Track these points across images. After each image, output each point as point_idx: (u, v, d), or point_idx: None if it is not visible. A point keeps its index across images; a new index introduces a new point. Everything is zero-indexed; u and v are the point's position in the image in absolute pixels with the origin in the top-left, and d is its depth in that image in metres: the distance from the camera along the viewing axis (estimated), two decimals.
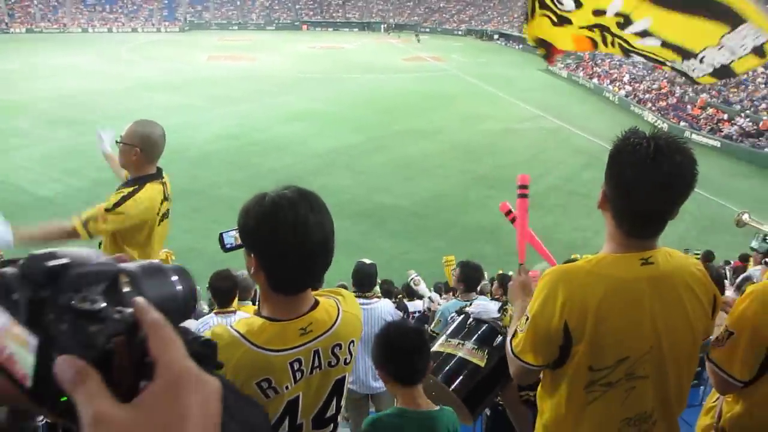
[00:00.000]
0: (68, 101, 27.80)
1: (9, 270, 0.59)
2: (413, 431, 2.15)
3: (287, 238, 1.57)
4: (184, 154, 18.71)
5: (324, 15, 76.56)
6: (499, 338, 2.44)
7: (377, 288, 6.64)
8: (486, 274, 7.03)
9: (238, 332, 1.63)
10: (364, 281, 4.85)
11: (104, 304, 0.58)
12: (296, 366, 1.66)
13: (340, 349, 1.75)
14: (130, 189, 3.20)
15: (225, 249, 2.15)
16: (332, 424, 1.84)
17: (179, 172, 3.18)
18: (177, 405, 0.54)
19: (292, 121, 26.64)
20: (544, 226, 14.87)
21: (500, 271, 9.44)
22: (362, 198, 17.52)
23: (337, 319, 1.76)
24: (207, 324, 4.58)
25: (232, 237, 2.14)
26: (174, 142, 3.76)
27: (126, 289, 0.62)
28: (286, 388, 1.65)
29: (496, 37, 64.51)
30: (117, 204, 3.12)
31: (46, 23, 65.63)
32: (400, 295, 8.99)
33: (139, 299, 0.59)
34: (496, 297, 6.01)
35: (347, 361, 1.78)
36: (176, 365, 0.56)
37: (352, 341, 1.80)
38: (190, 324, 5.00)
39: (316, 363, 1.70)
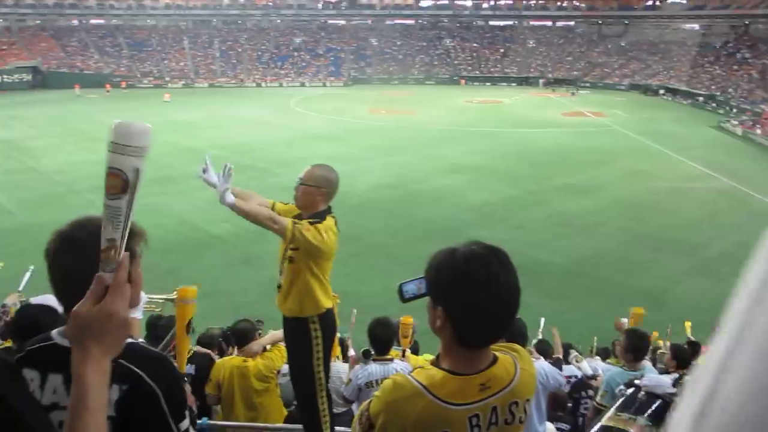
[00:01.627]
0: (241, 149, 30.17)
1: None
2: None
3: (480, 295, 1.62)
4: (344, 202, 19.45)
5: (482, 70, 77.60)
6: None
7: (532, 348, 6.54)
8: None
9: (420, 383, 1.68)
10: (518, 340, 4.78)
11: None
12: (474, 421, 1.67)
13: (517, 406, 1.75)
14: (318, 219, 3.45)
15: (404, 299, 2.22)
16: None
17: (339, 218, 3.40)
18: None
19: (449, 173, 27.03)
20: (718, 298, 13.71)
21: (667, 342, 8.86)
22: (518, 253, 16.97)
23: (515, 377, 1.76)
24: (366, 370, 4.64)
25: (413, 288, 2.20)
26: None
27: None
28: None
29: (661, 92, 61.58)
30: (316, 222, 3.37)
31: (226, 78, 72.48)
32: (555, 356, 8.69)
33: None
34: (671, 369, 5.63)
35: (522, 419, 1.78)
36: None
37: (528, 399, 1.80)
38: (343, 370, 5.19)
39: (493, 419, 1.70)
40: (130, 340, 1.72)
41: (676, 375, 6.13)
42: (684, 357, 5.65)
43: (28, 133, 35.75)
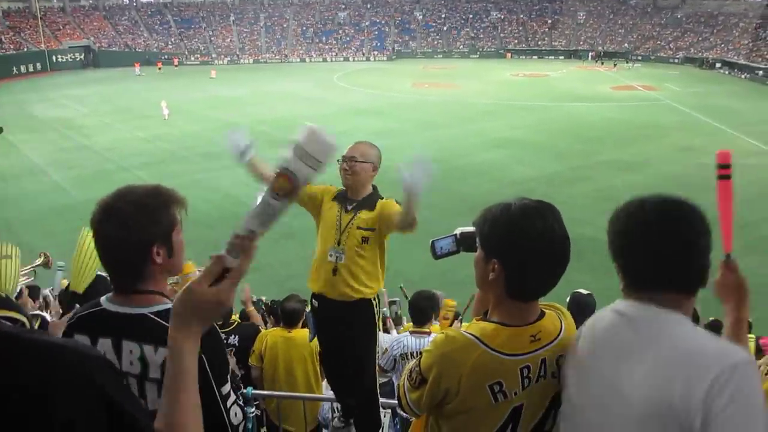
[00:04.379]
0: (284, 124, 30.28)
1: None
2: None
3: (536, 246, 1.65)
4: (384, 176, 19.41)
5: (529, 43, 76.04)
6: None
7: None
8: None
9: (473, 335, 1.70)
10: (586, 313, 4.75)
11: None
12: (525, 372, 1.70)
13: (564, 360, 1.77)
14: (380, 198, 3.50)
15: (436, 256, 2.20)
16: None
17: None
18: None
19: (492, 147, 26.73)
20: (764, 274, 13.27)
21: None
22: None
23: (561, 330, 1.79)
24: (401, 342, 4.70)
25: (446, 244, 2.20)
26: None
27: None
28: (515, 393, 1.69)
29: (718, 65, 59.27)
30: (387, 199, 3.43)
31: (270, 54, 72.95)
32: None
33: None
34: None
35: None
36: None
37: None
38: (383, 341, 5.24)
39: (542, 372, 1.73)
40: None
41: None
42: None
43: (81, 111, 36.79)
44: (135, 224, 1.70)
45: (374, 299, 3.65)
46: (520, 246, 1.66)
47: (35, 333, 1.21)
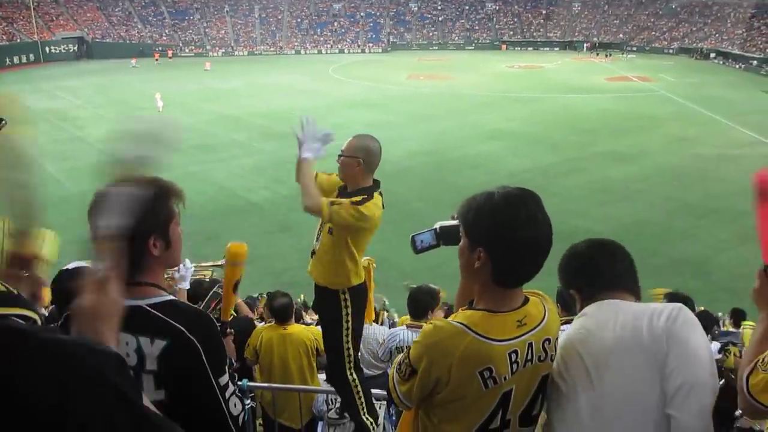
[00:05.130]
0: (279, 116, 30.25)
1: None
2: None
3: (520, 232, 1.67)
4: (381, 168, 19.32)
5: (524, 34, 75.96)
6: (722, 381, 2.26)
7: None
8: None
9: (461, 323, 1.72)
10: (569, 305, 4.78)
11: None
12: (513, 357, 1.73)
13: (549, 343, 1.81)
14: (365, 195, 3.41)
15: (417, 250, 2.21)
16: (534, 425, 1.89)
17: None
18: None
19: (487, 139, 26.76)
20: (759, 264, 13.35)
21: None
22: (555, 220, 16.46)
23: (545, 314, 1.83)
24: (397, 335, 4.73)
25: (426, 238, 2.20)
26: None
27: None
28: (504, 378, 1.72)
29: (712, 55, 59.42)
30: (359, 202, 3.33)
31: (265, 46, 72.71)
32: None
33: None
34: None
35: (553, 357, 1.84)
36: None
37: (557, 338, 1.86)
38: (380, 334, 5.24)
39: (529, 356, 1.76)
40: (171, 297, 1.80)
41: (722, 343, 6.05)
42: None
43: (74, 103, 36.65)
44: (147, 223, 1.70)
45: (342, 292, 3.66)
46: (505, 234, 1.68)
47: (47, 331, 1.20)
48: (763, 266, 2.07)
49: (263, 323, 5.71)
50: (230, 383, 1.82)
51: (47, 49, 60.47)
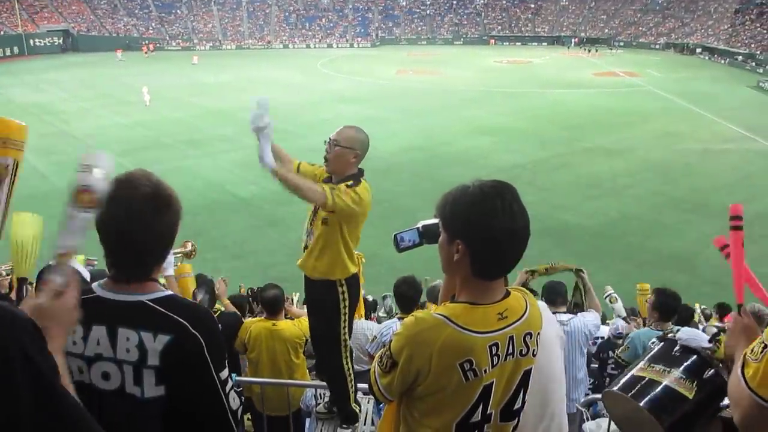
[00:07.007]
0: (270, 111, 30.09)
1: None
2: None
3: (497, 223, 1.67)
4: (370, 164, 19.35)
5: (512, 29, 76.07)
6: (711, 371, 2.20)
7: None
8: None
9: (441, 315, 1.72)
10: (556, 300, 4.80)
11: None
12: (494, 350, 1.73)
13: (530, 338, 1.81)
14: (354, 180, 3.40)
15: (399, 249, 2.20)
16: (516, 420, 1.89)
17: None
18: None
19: (476, 134, 26.78)
20: (750, 259, 13.48)
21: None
22: (544, 215, 17.02)
23: (526, 309, 1.83)
24: (391, 328, 4.67)
25: (409, 236, 2.19)
26: None
27: None
28: (485, 371, 1.72)
29: (698, 51, 59.82)
30: (352, 185, 3.33)
31: (253, 40, 72.40)
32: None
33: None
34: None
35: (535, 352, 1.84)
36: None
37: (539, 333, 1.86)
38: (368, 329, 5.25)
39: (510, 350, 1.76)
40: (170, 292, 1.78)
41: (714, 329, 6.07)
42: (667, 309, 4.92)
43: (60, 96, 36.25)
44: (163, 222, 1.80)
45: (339, 283, 3.65)
46: (481, 225, 1.69)
47: None
48: (737, 306, 2.09)
49: (253, 316, 5.69)
50: (230, 378, 1.82)
51: (32, 41, 59.78)
